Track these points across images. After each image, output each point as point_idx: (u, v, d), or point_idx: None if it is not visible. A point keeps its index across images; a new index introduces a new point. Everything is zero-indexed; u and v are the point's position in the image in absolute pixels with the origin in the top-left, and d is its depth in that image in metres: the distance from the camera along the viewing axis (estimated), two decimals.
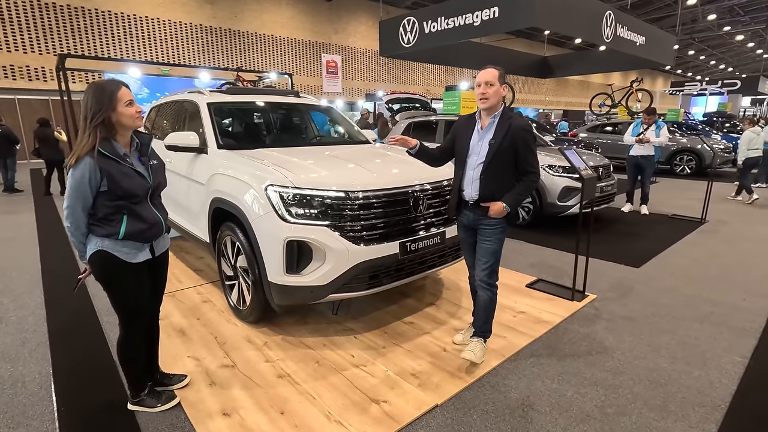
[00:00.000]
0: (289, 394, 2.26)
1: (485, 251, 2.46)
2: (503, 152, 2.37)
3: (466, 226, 2.59)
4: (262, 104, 4.07)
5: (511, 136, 2.35)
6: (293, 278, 2.57)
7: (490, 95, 2.35)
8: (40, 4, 14.48)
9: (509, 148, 2.36)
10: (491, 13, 7.33)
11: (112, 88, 1.84)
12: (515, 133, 2.35)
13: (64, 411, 2.14)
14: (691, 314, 3.23)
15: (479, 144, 2.44)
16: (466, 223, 2.57)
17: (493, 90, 2.35)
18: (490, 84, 2.34)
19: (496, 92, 2.35)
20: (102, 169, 1.80)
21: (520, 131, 2.36)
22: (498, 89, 2.35)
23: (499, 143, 2.36)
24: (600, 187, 5.56)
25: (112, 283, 1.97)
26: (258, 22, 19.15)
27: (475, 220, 2.50)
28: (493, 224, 2.43)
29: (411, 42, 9.20)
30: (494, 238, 2.44)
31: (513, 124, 2.37)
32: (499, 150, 2.37)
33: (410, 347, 2.74)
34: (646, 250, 4.73)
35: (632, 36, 9.19)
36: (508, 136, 2.35)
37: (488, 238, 2.45)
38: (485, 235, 2.46)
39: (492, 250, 2.45)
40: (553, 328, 2.99)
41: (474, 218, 2.50)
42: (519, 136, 2.35)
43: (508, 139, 2.35)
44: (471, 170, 2.46)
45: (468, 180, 2.47)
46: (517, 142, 2.35)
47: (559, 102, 34.13)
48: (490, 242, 2.45)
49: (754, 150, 7.64)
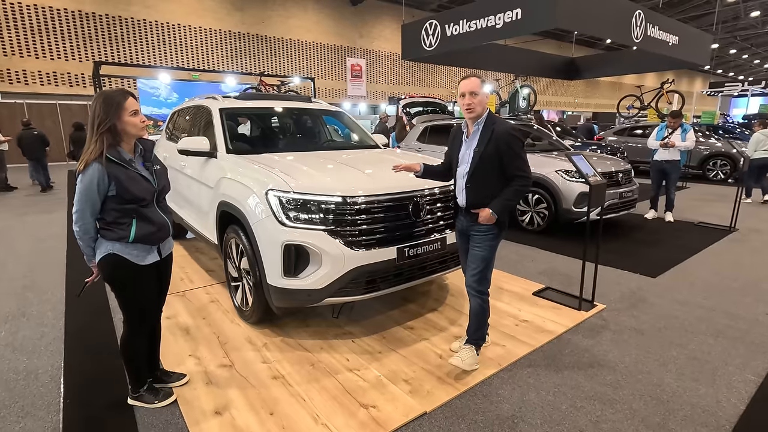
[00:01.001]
0: (281, 395, 2.30)
1: (474, 257, 2.46)
2: (488, 159, 2.36)
3: (460, 231, 2.61)
4: (272, 110, 4.16)
5: (494, 141, 2.34)
6: (291, 281, 2.62)
7: (475, 105, 2.35)
8: (81, 14, 15.29)
9: (494, 154, 2.35)
10: (513, 14, 7.22)
11: (119, 98, 1.93)
12: (499, 139, 2.33)
13: (69, 403, 2.25)
14: (706, 328, 3.09)
15: (467, 152, 2.45)
16: (461, 229, 2.60)
17: (478, 99, 2.35)
18: (474, 94, 2.34)
19: (481, 101, 2.36)
20: (110, 174, 1.89)
21: (504, 136, 2.33)
22: (482, 98, 2.36)
23: (483, 150, 2.36)
24: (620, 192, 5.39)
25: (123, 285, 2.06)
26: (284, 27, 19.57)
27: (467, 226, 2.51)
28: (482, 230, 2.42)
29: (433, 45, 9.19)
30: (484, 245, 2.43)
31: (496, 129, 2.35)
32: (483, 157, 2.37)
33: (406, 353, 2.74)
34: (665, 260, 4.55)
35: (664, 36, 8.85)
36: (491, 142, 2.34)
37: (478, 244, 2.45)
38: (475, 241, 2.46)
39: (481, 257, 2.44)
40: (555, 338, 2.92)
41: (466, 224, 2.51)
42: (503, 141, 2.33)
43: (492, 146, 2.34)
44: (461, 179, 2.49)
45: (459, 188, 2.50)
46: (501, 146, 2.33)
47: (589, 104, 33.20)
48: (479, 248, 2.44)
49: (763, 151, 7.51)
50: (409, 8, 21.83)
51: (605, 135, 12.05)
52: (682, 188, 9.45)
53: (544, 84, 29.18)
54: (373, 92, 22.49)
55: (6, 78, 14.62)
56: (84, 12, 15.37)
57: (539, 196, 5.45)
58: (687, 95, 37.31)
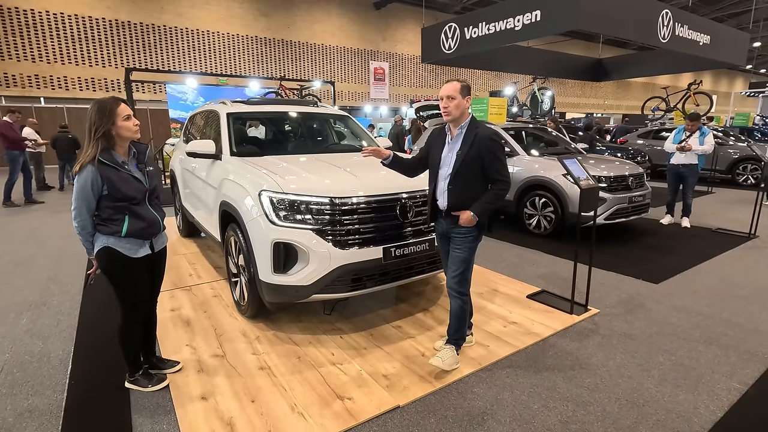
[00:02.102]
0: (265, 384, 2.44)
1: (455, 259, 2.52)
2: (470, 162, 2.44)
3: (441, 234, 2.68)
4: (277, 114, 4.34)
5: (477, 145, 2.42)
6: (280, 278, 2.76)
7: (450, 109, 2.43)
8: (117, 23, 16.12)
9: (476, 158, 2.43)
10: (533, 16, 7.19)
11: (112, 105, 2.12)
12: (481, 143, 2.41)
13: (73, 384, 2.46)
14: (700, 335, 3.03)
15: (449, 155, 2.53)
16: (441, 232, 2.66)
17: (454, 104, 2.42)
18: (450, 98, 2.43)
19: (458, 105, 2.43)
20: (102, 176, 2.08)
21: (486, 141, 2.42)
22: (459, 102, 2.43)
23: (465, 153, 2.44)
24: (630, 197, 5.29)
25: (116, 276, 2.24)
26: (309, 32, 19.98)
27: (447, 228, 2.57)
28: (463, 233, 2.49)
29: (452, 48, 9.24)
30: (464, 246, 2.49)
31: (479, 134, 2.44)
32: (465, 160, 2.44)
33: (390, 350, 2.82)
34: (672, 266, 4.44)
35: (694, 35, 8.59)
36: (474, 146, 2.42)
37: (458, 246, 2.51)
38: (456, 243, 2.52)
39: (461, 258, 2.50)
40: (541, 341, 2.94)
41: (447, 227, 2.57)
42: (484, 145, 2.41)
43: (474, 149, 2.42)
44: (443, 181, 2.55)
45: (440, 190, 2.56)
46: (483, 151, 2.41)
47: (620, 106, 32.23)
48: (459, 250, 2.50)
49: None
50: (432, 11, 21.89)
51: (629, 138, 11.73)
52: (707, 193, 9.11)
53: (570, 86, 28.57)
54: (396, 95, 22.61)
55: (49, 84, 15.57)
56: (120, 21, 16.19)
57: (546, 200, 5.41)
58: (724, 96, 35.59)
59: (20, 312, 3.42)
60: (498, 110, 6.89)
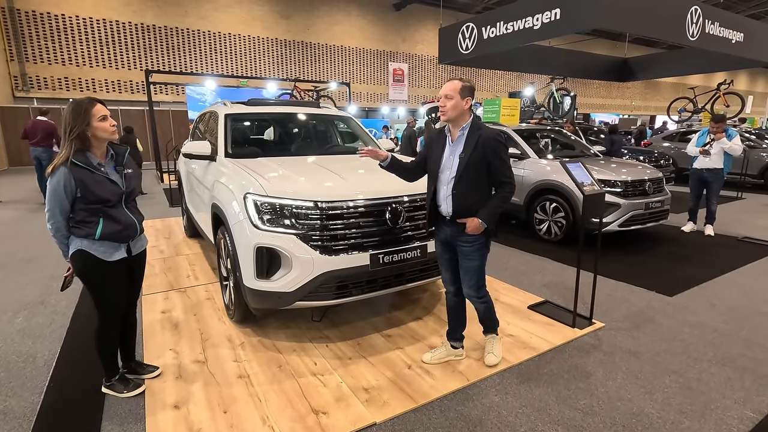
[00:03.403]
0: (240, 394, 2.36)
1: (468, 269, 2.45)
2: (474, 165, 2.32)
3: (443, 241, 2.55)
4: (276, 115, 4.29)
5: (481, 147, 2.30)
6: (263, 283, 2.68)
7: (447, 109, 2.32)
8: (143, 27, 16.56)
9: (480, 160, 2.31)
10: (552, 15, 6.97)
11: (87, 106, 2.08)
12: (485, 145, 2.30)
13: (51, 387, 2.44)
14: (713, 355, 2.79)
15: (450, 158, 2.41)
16: (444, 239, 2.53)
17: (452, 103, 2.31)
18: (448, 97, 2.32)
19: (455, 106, 2.31)
20: (75, 178, 2.04)
21: (490, 142, 2.31)
22: (457, 102, 2.31)
23: (469, 156, 2.32)
24: (646, 203, 5.01)
25: (91, 279, 2.21)
26: (329, 34, 20.05)
27: (452, 236, 2.46)
28: (471, 241, 2.39)
29: (469, 48, 9.09)
30: (475, 255, 2.41)
31: (482, 135, 2.32)
32: (469, 163, 2.32)
33: (376, 361, 2.71)
34: (689, 277, 4.16)
35: (726, 33, 8.16)
36: (477, 148, 2.30)
37: (469, 256, 2.42)
38: (466, 254, 2.43)
39: (475, 267, 2.44)
40: (537, 356, 2.77)
41: (452, 234, 2.45)
42: (489, 147, 2.30)
43: (478, 151, 2.30)
44: (444, 186, 2.43)
45: (443, 195, 2.44)
46: (488, 153, 2.30)
47: (648, 107, 31.12)
48: (472, 259, 2.42)
49: None
50: (453, 11, 21.67)
51: (654, 140, 11.24)
52: (736, 198, 8.61)
53: (595, 86, 27.76)
54: (415, 96, 22.46)
55: (77, 86, 16.12)
56: (145, 24, 16.63)
57: (557, 205, 5.19)
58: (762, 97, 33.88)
59: (18, 310, 3.46)
60: (510, 111, 6.66)
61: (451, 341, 2.72)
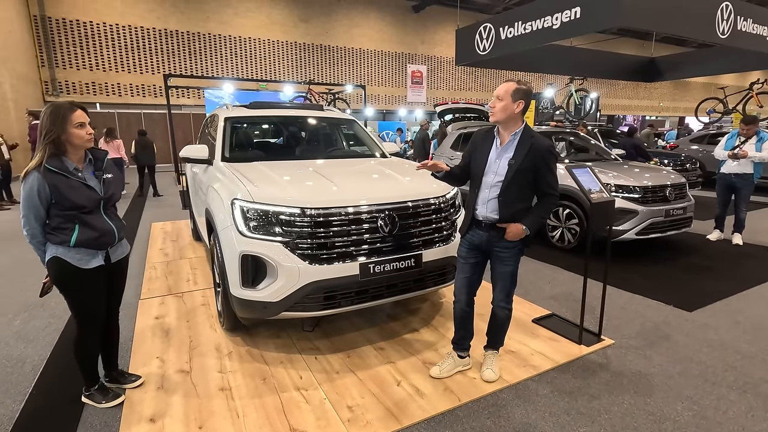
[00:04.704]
0: (219, 408, 2.27)
1: (505, 275, 2.38)
2: (523, 173, 2.25)
3: (475, 246, 2.44)
4: (276, 119, 4.22)
5: (532, 156, 2.23)
6: (248, 292, 2.59)
7: (496, 110, 2.25)
8: (166, 32, 16.96)
9: (529, 168, 2.24)
10: (572, 13, 6.74)
11: (65, 111, 2.03)
12: (537, 154, 2.23)
13: (33, 394, 2.41)
14: (734, 380, 2.55)
15: (497, 162, 2.32)
16: (477, 243, 2.43)
17: (501, 105, 2.23)
18: (499, 98, 2.25)
19: (504, 108, 2.23)
20: (49, 184, 2.00)
21: (543, 152, 2.24)
22: (507, 105, 2.22)
23: (519, 163, 2.24)
24: (666, 209, 4.72)
25: (66, 287, 2.16)
26: (347, 37, 20.09)
27: (488, 241, 2.37)
28: (509, 247, 2.33)
29: (487, 49, 8.93)
30: (512, 260, 2.36)
31: (535, 143, 2.24)
32: (519, 170, 2.25)
33: (364, 376, 2.58)
34: (712, 290, 3.87)
35: (760, 29, 7.75)
36: (529, 155, 2.23)
37: (506, 261, 2.36)
38: (502, 260, 2.36)
39: (511, 272, 2.38)
40: (537, 375, 2.59)
41: (487, 239, 2.37)
42: (540, 156, 2.23)
43: (528, 159, 2.23)
44: (487, 189, 2.33)
45: (482, 199, 2.35)
46: (538, 162, 2.24)
47: (677, 108, 29.97)
48: (508, 265, 2.36)
49: None
50: (474, 12, 21.36)
51: (682, 143, 10.74)
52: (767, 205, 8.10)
53: (621, 87, 26.91)
54: (433, 98, 22.24)
55: (104, 90, 16.62)
56: (169, 30, 17.02)
57: (570, 211, 4.95)
58: None
59: (18, 312, 3.49)
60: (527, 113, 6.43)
61: (458, 351, 2.63)
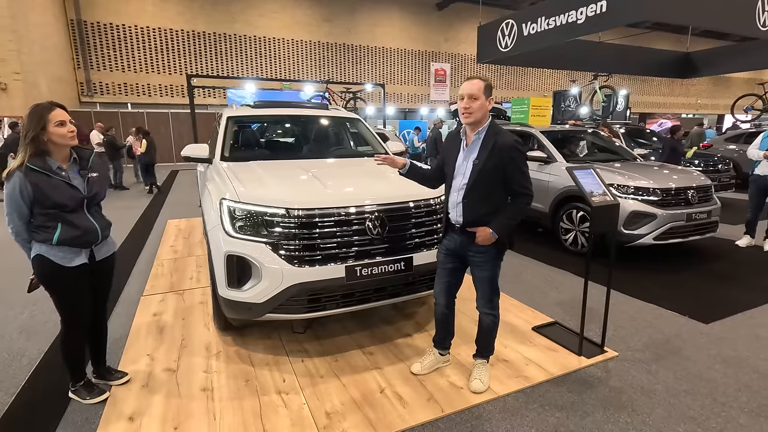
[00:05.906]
0: (198, 410, 2.26)
1: (482, 281, 2.30)
2: (488, 173, 2.14)
3: (450, 250, 2.38)
4: (279, 118, 4.21)
5: (497, 154, 2.12)
6: (234, 293, 2.58)
7: (474, 110, 2.13)
8: (194, 34, 17.41)
9: (495, 168, 2.14)
10: (598, 7, 6.47)
11: (43, 111, 2.06)
12: (501, 152, 2.12)
13: (25, 387, 2.47)
14: (746, 401, 2.34)
15: (464, 164, 2.24)
16: (451, 248, 2.36)
17: (478, 104, 2.13)
18: (473, 98, 2.13)
19: (481, 106, 2.14)
20: (31, 182, 2.03)
21: (508, 150, 2.12)
22: (483, 103, 2.14)
23: (483, 163, 2.15)
24: (687, 213, 4.43)
25: (50, 284, 2.20)
26: (370, 36, 20.07)
27: (462, 246, 2.29)
28: (482, 252, 2.22)
29: (509, 46, 8.75)
30: (487, 266, 2.26)
31: (498, 141, 2.13)
32: (483, 170, 2.15)
33: (348, 381, 2.51)
34: (733, 301, 3.60)
35: None
36: (493, 154, 2.12)
37: (482, 266, 2.27)
38: (478, 264, 2.27)
39: (488, 279, 2.29)
40: (529, 387, 2.46)
41: (461, 244, 2.29)
42: (506, 154, 2.12)
43: (493, 159, 2.12)
44: (455, 192, 2.27)
45: (452, 203, 2.28)
46: (505, 161, 2.12)
47: (717, 105, 28.47)
48: (483, 271, 2.27)
49: None
50: (499, 9, 20.89)
51: (716, 142, 10.16)
52: None
53: (655, 84, 25.79)
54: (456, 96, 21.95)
55: (135, 91, 17.23)
56: (196, 32, 17.47)
57: (584, 213, 4.73)
58: None
59: (26, 305, 3.60)
60: (540, 111, 6.21)
61: (439, 349, 2.62)
